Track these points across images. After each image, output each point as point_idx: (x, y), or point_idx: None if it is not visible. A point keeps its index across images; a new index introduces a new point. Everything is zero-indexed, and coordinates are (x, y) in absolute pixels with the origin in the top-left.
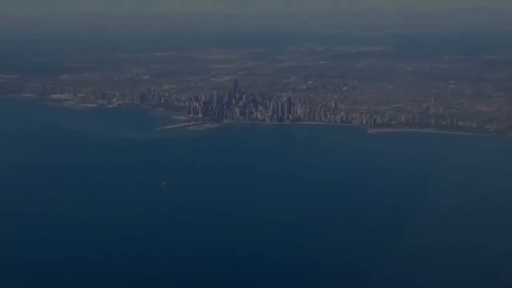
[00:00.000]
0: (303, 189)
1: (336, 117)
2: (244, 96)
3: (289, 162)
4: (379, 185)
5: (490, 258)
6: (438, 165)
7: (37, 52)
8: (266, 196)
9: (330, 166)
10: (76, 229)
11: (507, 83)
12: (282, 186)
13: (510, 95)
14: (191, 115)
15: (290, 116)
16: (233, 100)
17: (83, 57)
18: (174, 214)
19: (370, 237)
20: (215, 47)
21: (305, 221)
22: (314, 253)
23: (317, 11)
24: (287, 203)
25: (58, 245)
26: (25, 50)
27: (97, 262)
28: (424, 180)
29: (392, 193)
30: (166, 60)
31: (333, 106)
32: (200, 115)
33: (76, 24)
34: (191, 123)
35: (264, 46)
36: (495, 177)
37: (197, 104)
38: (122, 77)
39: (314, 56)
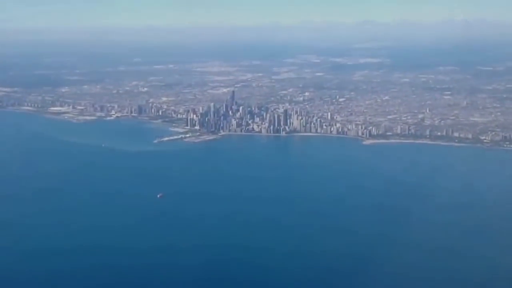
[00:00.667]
0: (295, 202)
1: (332, 129)
2: (241, 108)
3: (281, 173)
4: (368, 196)
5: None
6: (429, 176)
7: (38, 66)
8: (258, 204)
9: (321, 177)
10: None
11: (502, 94)
12: (274, 195)
13: (505, 106)
14: (188, 127)
15: (287, 127)
16: (230, 112)
17: (83, 70)
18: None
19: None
20: (214, 59)
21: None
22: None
23: (315, 24)
24: (281, 210)
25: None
26: (26, 63)
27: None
28: (413, 190)
29: (382, 204)
30: (164, 72)
31: (329, 117)
32: (197, 127)
33: (77, 38)
34: (188, 135)
35: (262, 58)
36: (489, 188)
37: (194, 116)
38: (121, 89)
39: (311, 68)
